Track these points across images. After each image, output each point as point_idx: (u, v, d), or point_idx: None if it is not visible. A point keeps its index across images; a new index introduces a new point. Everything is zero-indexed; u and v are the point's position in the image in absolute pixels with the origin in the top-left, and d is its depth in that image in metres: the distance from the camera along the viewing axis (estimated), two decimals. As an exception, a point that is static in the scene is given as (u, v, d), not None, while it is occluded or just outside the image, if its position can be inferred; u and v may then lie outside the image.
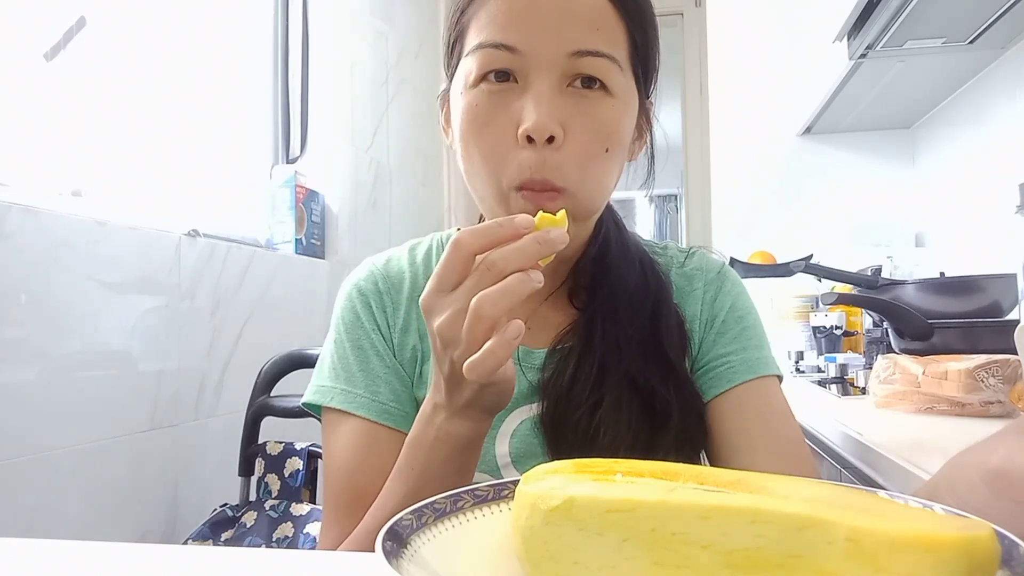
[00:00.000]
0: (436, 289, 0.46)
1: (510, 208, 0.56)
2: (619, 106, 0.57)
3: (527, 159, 0.54)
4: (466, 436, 0.50)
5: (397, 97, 2.16)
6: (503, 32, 0.54)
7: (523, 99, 0.54)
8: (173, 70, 1.32)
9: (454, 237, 0.45)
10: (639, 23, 0.58)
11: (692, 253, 0.71)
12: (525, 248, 0.44)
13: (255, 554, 0.44)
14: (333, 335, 0.66)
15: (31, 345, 0.93)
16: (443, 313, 0.45)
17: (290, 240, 1.59)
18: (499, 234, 0.44)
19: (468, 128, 0.57)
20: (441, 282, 0.45)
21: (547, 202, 0.54)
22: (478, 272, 0.44)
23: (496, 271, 0.43)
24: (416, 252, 0.70)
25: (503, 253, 0.44)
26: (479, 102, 0.56)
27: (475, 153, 0.56)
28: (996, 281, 1.27)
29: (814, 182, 2.42)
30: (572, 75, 0.54)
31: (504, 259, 0.43)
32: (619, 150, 0.58)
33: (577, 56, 0.54)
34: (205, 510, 1.17)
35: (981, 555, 0.25)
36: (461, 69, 0.58)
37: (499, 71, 0.55)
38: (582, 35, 0.54)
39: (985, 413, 0.93)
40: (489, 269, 0.43)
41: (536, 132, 0.52)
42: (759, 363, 0.63)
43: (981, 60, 1.71)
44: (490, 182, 0.56)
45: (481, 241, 0.44)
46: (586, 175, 0.56)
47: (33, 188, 1.01)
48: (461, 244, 0.44)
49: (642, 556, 0.28)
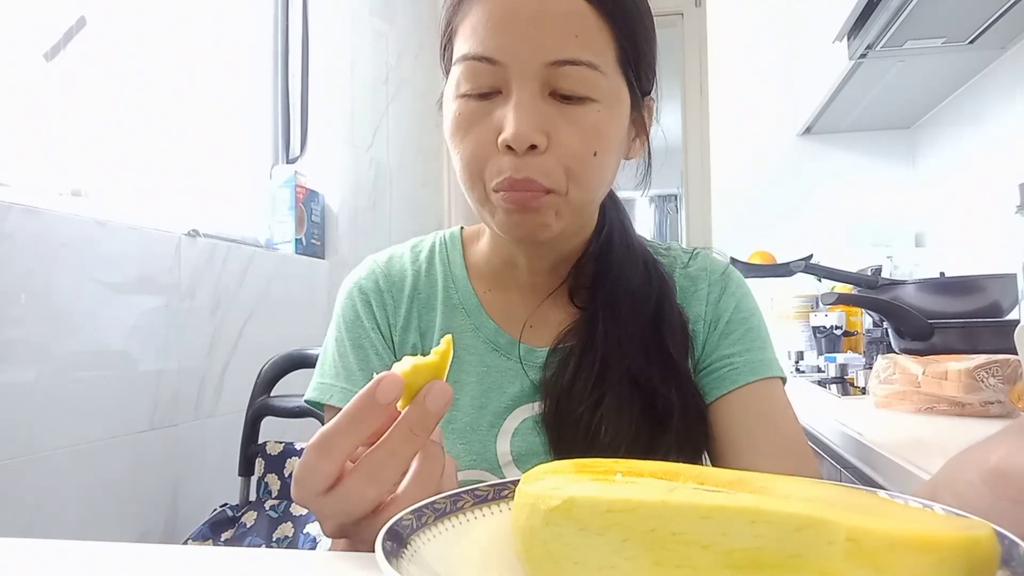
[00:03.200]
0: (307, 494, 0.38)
1: (493, 209, 0.57)
2: (605, 110, 0.56)
3: (508, 162, 0.54)
4: (338, 535, 0.41)
5: (397, 97, 2.16)
6: (482, 44, 0.54)
7: (505, 108, 0.54)
8: (173, 70, 1.32)
9: (305, 454, 0.37)
10: (624, 23, 0.56)
11: (696, 254, 0.71)
12: (397, 451, 0.37)
13: (255, 554, 0.44)
14: (334, 333, 0.66)
15: (31, 345, 0.93)
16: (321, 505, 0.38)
17: (290, 240, 1.59)
18: (358, 428, 0.37)
19: (453, 135, 0.57)
20: (314, 487, 0.37)
21: (530, 201, 0.55)
22: (342, 489, 0.37)
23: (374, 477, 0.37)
24: (419, 250, 0.70)
25: (374, 464, 0.37)
26: (463, 111, 0.56)
27: (458, 158, 0.57)
28: (996, 281, 1.27)
29: (814, 182, 2.42)
30: (552, 86, 0.54)
31: (380, 465, 0.37)
32: (609, 152, 0.58)
33: (556, 65, 0.53)
34: (205, 510, 1.17)
35: (981, 555, 0.25)
36: (451, 75, 0.58)
37: (483, 92, 0.55)
38: (559, 43, 0.53)
39: (985, 413, 0.93)
40: (366, 476, 0.37)
41: (515, 142, 0.53)
42: (763, 365, 0.63)
43: (981, 60, 1.71)
44: (474, 185, 0.57)
45: (345, 443, 0.37)
46: (576, 178, 0.55)
47: (33, 188, 1.01)
48: (325, 453, 0.37)
49: (642, 556, 0.28)
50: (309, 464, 0.37)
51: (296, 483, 0.38)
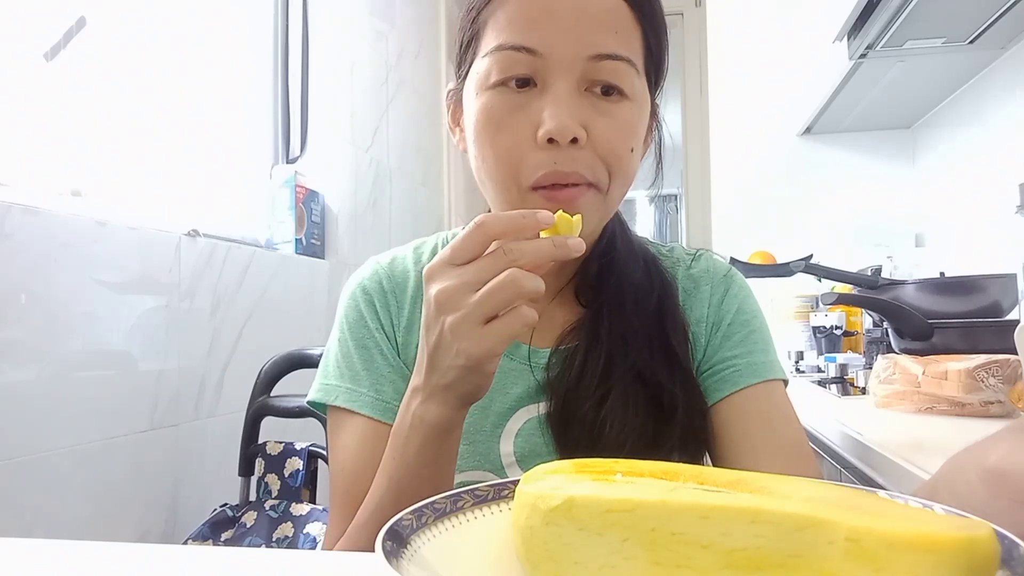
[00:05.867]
0: (447, 260, 0.46)
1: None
2: (636, 108, 0.57)
3: (548, 157, 0.53)
4: (439, 423, 0.49)
5: (397, 97, 2.16)
6: (522, 34, 0.54)
7: (542, 101, 0.54)
8: (173, 70, 1.31)
9: (478, 218, 0.45)
10: (653, 26, 0.58)
11: (699, 256, 0.70)
12: (541, 247, 0.44)
13: (255, 554, 0.44)
14: (337, 334, 0.66)
15: (31, 345, 0.93)
16: (446, 281, 0.45)
17: (290, 240, 1.59)
18: (521, 225, 0.45)
19: (483, 129, 0.56)
20: (454, 255, 0.45)
21: (576, 198, 0.54)
22: (492, 256, 0.44)
23: (509, 259, 0.44)
24: (421, 251, 0.70)
25: (521, 246, 0.44)
26: (496, 103, 0.55)
27: (490, 155, 0.56)
28: (996, 281, 1.27)
29: (814, 182, 2.42)
30: (590, 79, 0.54)
31: (521, 251, 0.44)
32: (639, 149, 0.59)
33: (596, 59, 0.54)
34: (205, 510, 1.17)
35: (981, 555, 0.25)
36: (476, 69, 0.57)
37: (519, 78, 0.54)
38: (601, 38, 0.54)
39: (985, 413, 0.93)
40: (505, 255, 0.44)
41: (558, 134, 0.52)
42: (765, 367, 0.63)
43: (981, 60, 1.71)
44: (506, 184, 0.56)
45: (503, 227, 0.45)
46: (615, 174, 0.56)
47: (33, 188, 1.01)
48: (484, 225, 0.45)
49: (642, 556, 0.28)
50: (467, 235, 0.45)
51: (444, 252, 0.46)
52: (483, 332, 0.44)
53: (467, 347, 0.44)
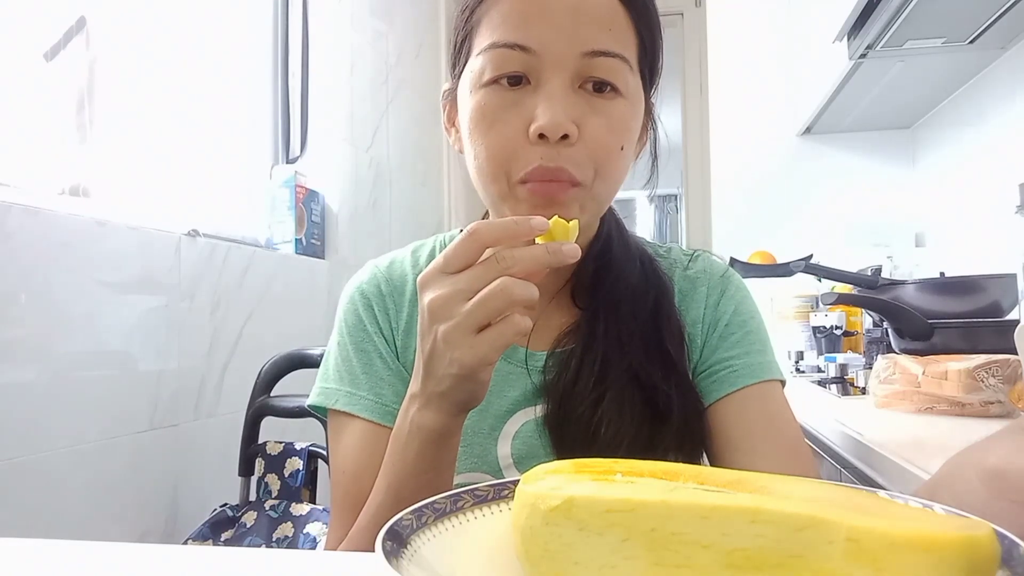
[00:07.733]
0: (440, 269, 0.46)
1: (516, 203, 0.55)
2: (629, 106, 0.57)
3: (538, 152, 0.53)
4: (436, 430, 0.49)
5: (397, 97, 2.16)
6: (516, 31, 0.54)
7: (535, 98, 0.54)
8: (173, 70, 1.32)
9: (471, 225, 0.45)
10: (647, 23, 0.58)
11: (696, 256, 0.70)
12: (535, 254, 0.44)
13: (255, 554, 0.44)
14: (336, 337, 0.66)
15: (31, 345, 0.93)
16: (439, 290, 0.45)
17: (290, 240, 1.59)
18: (514, 232, 0.45)
19: (476, 127, 0.56)
20: (447, 263, 0.45)
21: (558, 193, 0.54)
22: (485, 264, 0.44)
23: (502, 267, 0.44)
24: (419, 254, 0.70)
25: (514, 253, 0.44)
26: (489, 101, 0.55)
27: (482, 150, 0.56)
28: (996, 281, 1.27)
29: (814, 182, 2.42)
30: (584, 76, 0.54)
31: (514, 258, 0.44)
32: (631, 148, 0.59)
33: (590, 56, 0.54)
34: (205, 510, 1.17)
35: (981, 555, 0.25)
36: (470, 68, 0.57)
37: (512, 76, 0.54)
38: (595, 35, 0.54)
39: (985, 413, 0.93)
40: (498, 263, 0.44)
41: (550, 130, 0.52)
42: (762, 367, 0.63)
43: (981, 60, 1.71)
44: (495, 177, 0.56)
45: (496, 234, 0.45)
46: (602, 172, 0.55)
47: (33, 188, 1.01)
48: (476, 233, 0.45)
49: (642, 556, 0.28)
50: (459, 242, 0.45)
51: (438, 260, 0.45)
52: (475, 341, 0.44)
53: (460, 356, 0.44)
